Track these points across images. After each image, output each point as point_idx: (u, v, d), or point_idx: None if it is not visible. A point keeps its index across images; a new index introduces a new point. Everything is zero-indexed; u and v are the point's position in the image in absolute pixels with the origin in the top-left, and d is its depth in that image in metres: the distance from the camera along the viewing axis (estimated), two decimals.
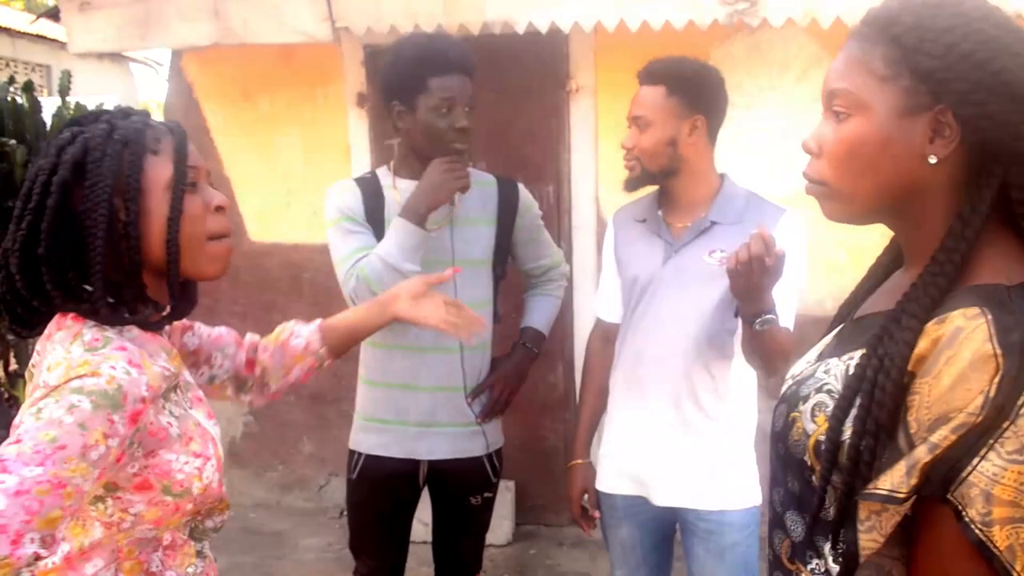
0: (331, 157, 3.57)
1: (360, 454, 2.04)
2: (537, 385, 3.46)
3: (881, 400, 0.80)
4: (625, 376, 1.87)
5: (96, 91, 6.29)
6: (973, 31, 0.81)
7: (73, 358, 1.03)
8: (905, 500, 0.78)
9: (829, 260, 3.04)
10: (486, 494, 2.11)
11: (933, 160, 0.84)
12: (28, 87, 3.17)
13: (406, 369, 1.98)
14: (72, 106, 3.28)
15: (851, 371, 0.87)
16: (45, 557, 0.95)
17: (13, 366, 3.22)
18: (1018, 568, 0.73)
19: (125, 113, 1.18)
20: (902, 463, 0.78)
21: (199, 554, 1.22)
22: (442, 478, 2.06)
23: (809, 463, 0.89)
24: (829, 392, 0.89)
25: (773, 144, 3.00)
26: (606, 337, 1.98)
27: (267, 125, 3.58)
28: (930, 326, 0.80)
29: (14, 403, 3.18)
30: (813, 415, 0.89)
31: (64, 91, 3.28)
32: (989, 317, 0.77)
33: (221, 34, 2.94)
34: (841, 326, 1.00)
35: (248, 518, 3.68)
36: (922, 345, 0.79)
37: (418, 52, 1.89)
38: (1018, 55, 0.81)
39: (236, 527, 3.24)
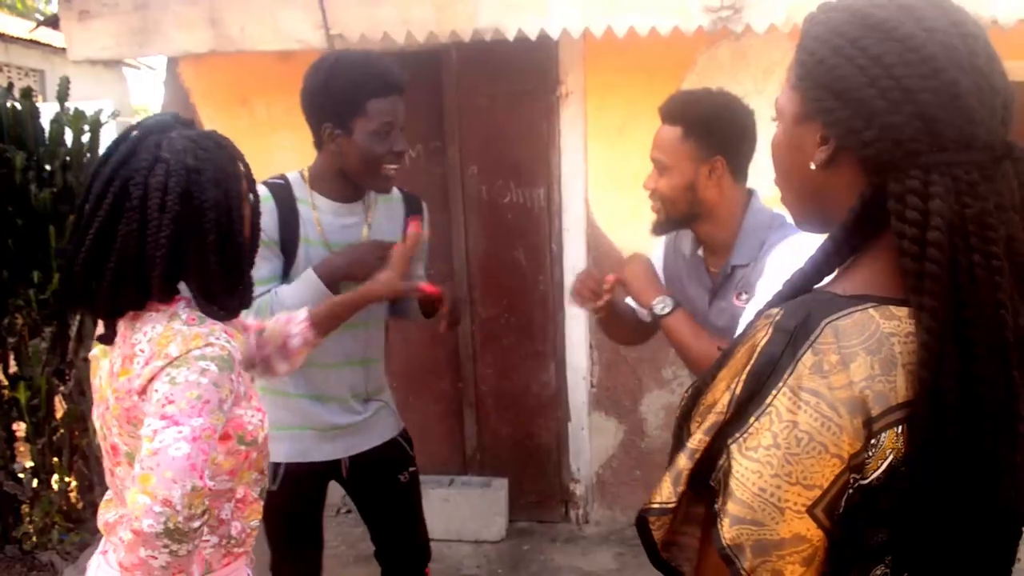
0: None
1: (279, 464, 1.96)
2: (530, 383, 3.53)
3: (695, 394, 0.83)
4: None
5: (90, 95, 6.32)
6: (835, 35, 0.78)
7: (184, 332, 1.25)
8: (679, 505, 0.80)
9: None
10: (411, 469, 2.13)
11: (812, 166, 0.82)
12: (27, 94, 3.20)
13: (314, 381, 1.96)
14: (71, 111, 3.32)
15: None
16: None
17: (13, 368, 3.25)
18: (746, 566, 0.73)
19: (216, 142, 1.46)
20: (667, 476, 0.80)
21: None
22: (365, 468, 2.07)
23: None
24: None
25: (758, 148, 3.06)
26: None
27: (263, 130, 3.62)
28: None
29: (14, 404, 3.21)
30: None
31: (63, 97, 3.32)
32: (778, 318, 0.76)
33: (218, 42, 2.99)
34: None
35: None
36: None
37: (355, 73, 1.80)
38: (874, 58, 0.75)
39: None
